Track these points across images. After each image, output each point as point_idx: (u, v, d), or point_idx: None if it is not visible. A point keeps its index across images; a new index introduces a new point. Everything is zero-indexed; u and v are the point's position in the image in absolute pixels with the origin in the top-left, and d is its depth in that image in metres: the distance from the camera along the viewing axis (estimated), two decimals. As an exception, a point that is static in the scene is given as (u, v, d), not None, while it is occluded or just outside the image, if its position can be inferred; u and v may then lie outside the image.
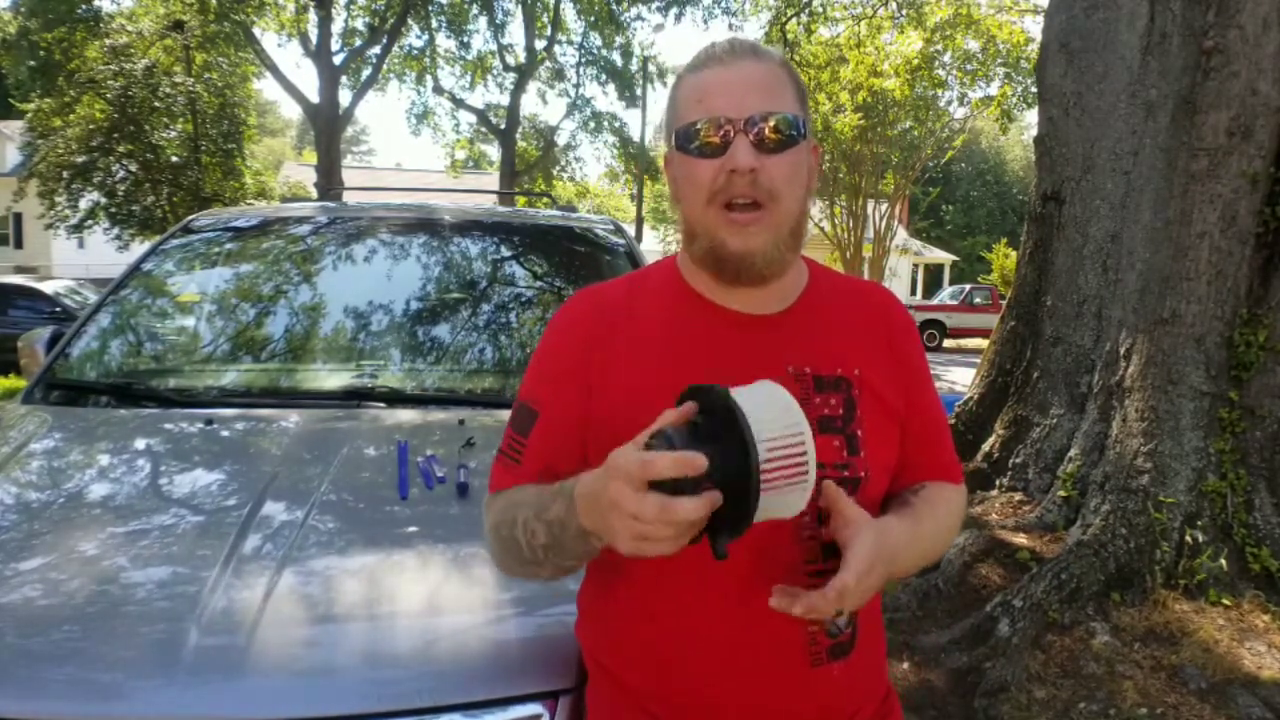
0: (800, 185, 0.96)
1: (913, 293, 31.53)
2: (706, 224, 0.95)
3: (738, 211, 0.93)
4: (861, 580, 0.84)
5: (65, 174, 15.69)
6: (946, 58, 14.53)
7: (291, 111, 63.26)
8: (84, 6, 16.04)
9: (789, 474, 0.76)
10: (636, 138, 22.69)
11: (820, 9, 13.55)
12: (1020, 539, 3.77)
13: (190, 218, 2.76)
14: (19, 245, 27.31)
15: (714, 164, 0.92)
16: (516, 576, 1.05)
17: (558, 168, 24.41)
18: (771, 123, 0.92)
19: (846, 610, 0.86)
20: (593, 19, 20.79)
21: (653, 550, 0.76)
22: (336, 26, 18.02)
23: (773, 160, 0.92)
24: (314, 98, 17.62)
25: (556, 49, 22.05)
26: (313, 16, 17.35)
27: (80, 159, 15.62)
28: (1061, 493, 3.90)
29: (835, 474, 0.95)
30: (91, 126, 15.50)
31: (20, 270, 20.13)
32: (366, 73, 18.83)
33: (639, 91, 21.66)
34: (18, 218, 26.33)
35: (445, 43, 20.89)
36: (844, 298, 1.07)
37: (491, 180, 26.27)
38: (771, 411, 0.77)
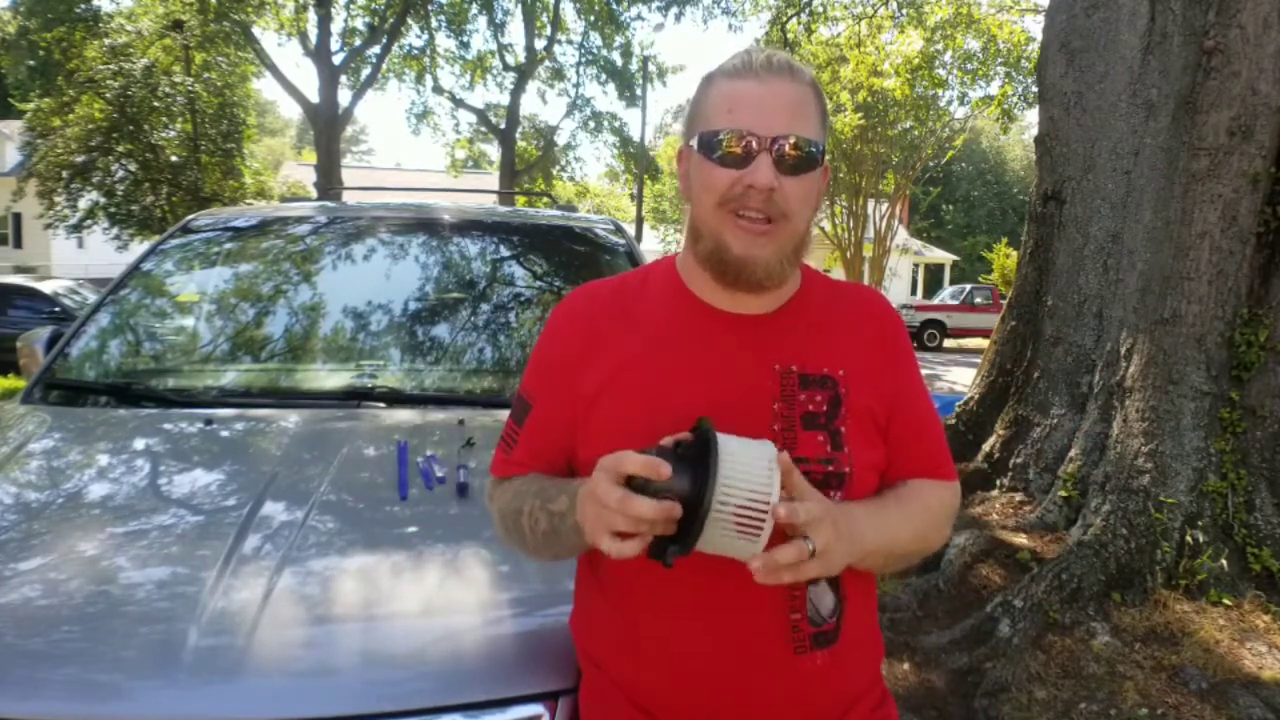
0: (811, 206, 0.99)
1: (913, 292, 31.53)
2: (714, 226, 0.97)
3: (747, 221, 0.95)
4: (810, 513, 0.84)
5: (64, 174, 15.68)
6: (947, 57, 14.52)
7: (291, 111, 63.29)
8: (83, 6, 16.01)
9: (743, 524, 0.81)
10: (636, 137, 22.69)
11: (820, 9, 13.54)
12: (1021, 539, 3.77)
13: (189, 217, 2.75)
14: (18, 245, 27.30)
15: (733, 174, 0.94)
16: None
17: (558, 167, 24.41)
18: (799, 143, 0.94)
19: (801, 566, 0.84)
20: (592, 18, 20.79)
21: (615, 547, 0.83)
22: (336, 26, 18.03)
23: (790, 181, 0.94)
24: (313, 97, 17.62)
25: (556, 49, 22.06)
26: (312, 16, 17.34)
27: (79, 159, 15.61)
28: (1062, 493, 3.90)
29: (819, 469, 0.97)
30: (91, 126, 15.49)
31: (20, 270, 20.13)
32: (366, 72, 18.83)
33: (639, 91, 21.66)
34: (17, 217, 26.32)
35: (445, 42, 20.90)
36: (834, 301, 1.08)
37: (491, 180, 26.27)
38: (749, 465, 0.82)
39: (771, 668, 0.96)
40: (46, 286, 11.30)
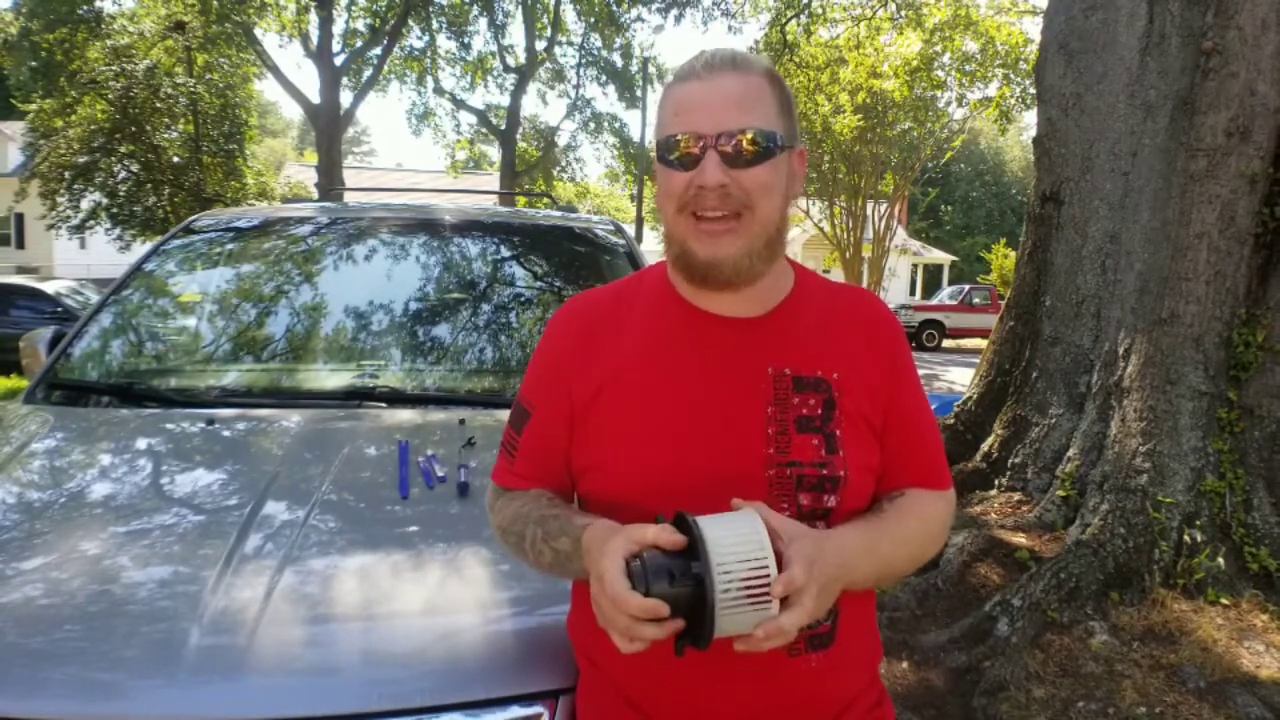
0: (778, 195, 0.98)
1: (912, 293, 31.51)
2: (677, 231, 0.99)
3: (707, 222, 0.96)
4: (808, 575, 0.83)
5: (67, 174, 15.66)
6: (945, 59, 14.54)
7: (293, 112, 63.30)
8: (85, 7, 16.02)
9: (750, 601, 0.80)
10: (636, 138, 22.71)
11: (820, 10, 13.56)
12: (1019, 538, 3.78)
13: (191, 218, 2.76)
14: (21, 245, 27.32)
15: (686, 176, 0.95)
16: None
17: (558, 168, 24.43)
18: (748, 135, 0.94)
19: (803, 617, 0.83)
20: (593, 20, 20.80)
21: (626, 647, 0.84)
22: (337, 27, 18.04)
23: (745, 174, 0.94)
24: (315, 98, 17.64)
25: (556, 50, 22.09)
26: (314, 17, 17.36)
27: (82, 159, 15.59)
28: (1060, 492, 3.91)
29: (814, 472, 0.97)
30: (93, 127, 15.47)
31: (22, 270, 20.14)
32: (367, 73, 18.85)
33: (639, 92, 21.67)
34: (19, 218, 26.34)
35: (446, 44, 20.93)
36: (829, 303, 1.08)
37: (492, 181, 26.29)
38: (737, 542, 0.81)
39: (765, 669, 0.96)
40: (49, 287, 11.30)
